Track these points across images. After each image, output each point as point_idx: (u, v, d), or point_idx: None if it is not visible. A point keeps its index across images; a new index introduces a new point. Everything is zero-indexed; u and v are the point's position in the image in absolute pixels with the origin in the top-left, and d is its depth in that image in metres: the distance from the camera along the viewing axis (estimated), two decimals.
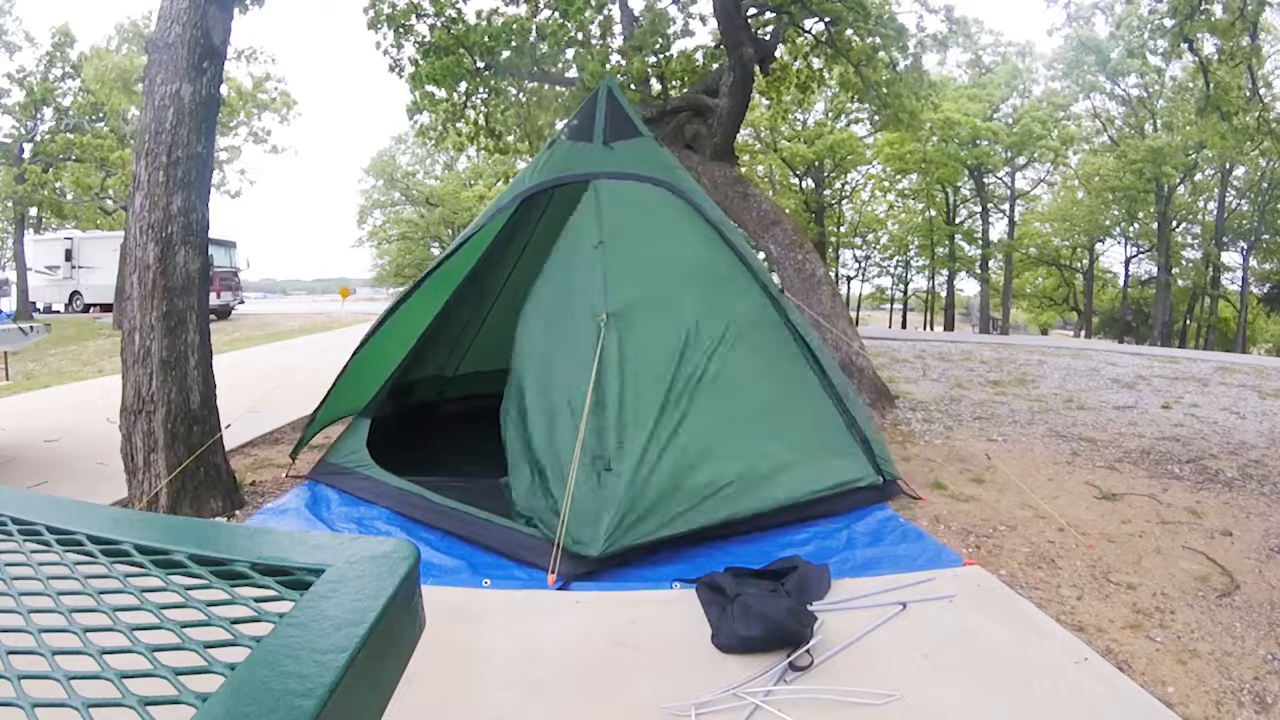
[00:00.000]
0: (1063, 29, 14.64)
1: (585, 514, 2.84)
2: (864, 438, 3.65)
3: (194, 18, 3.39)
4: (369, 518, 3.49)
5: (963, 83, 22.79)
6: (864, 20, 8.09)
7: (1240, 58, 7.52)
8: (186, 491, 3.40)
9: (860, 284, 31.21)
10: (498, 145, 9.75)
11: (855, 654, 2.25)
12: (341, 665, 0.35)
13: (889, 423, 5.63)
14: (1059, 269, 26.99)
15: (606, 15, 8.41)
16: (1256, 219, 22.31)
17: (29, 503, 0.59)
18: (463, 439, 4.76)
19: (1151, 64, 14.31)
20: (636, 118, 4.25)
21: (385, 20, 8.01)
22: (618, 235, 3.59)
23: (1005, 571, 2.91)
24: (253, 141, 17.75)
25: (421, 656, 0.44)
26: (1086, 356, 10.46)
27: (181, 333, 3.39)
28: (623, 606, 2.58)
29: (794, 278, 6.56)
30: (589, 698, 2.06)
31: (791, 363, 3.68)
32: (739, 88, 7.34)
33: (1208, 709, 2.03)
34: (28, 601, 0.45)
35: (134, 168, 3.46)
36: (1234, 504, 3.84)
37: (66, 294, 19.67)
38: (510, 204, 3.97)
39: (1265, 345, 26.18)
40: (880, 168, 25.74)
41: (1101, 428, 5.68)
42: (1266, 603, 2.67)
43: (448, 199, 29.77)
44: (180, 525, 0.58)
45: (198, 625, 0.42)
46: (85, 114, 17.26)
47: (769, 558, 2.88)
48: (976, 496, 3.87)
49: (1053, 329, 31.60)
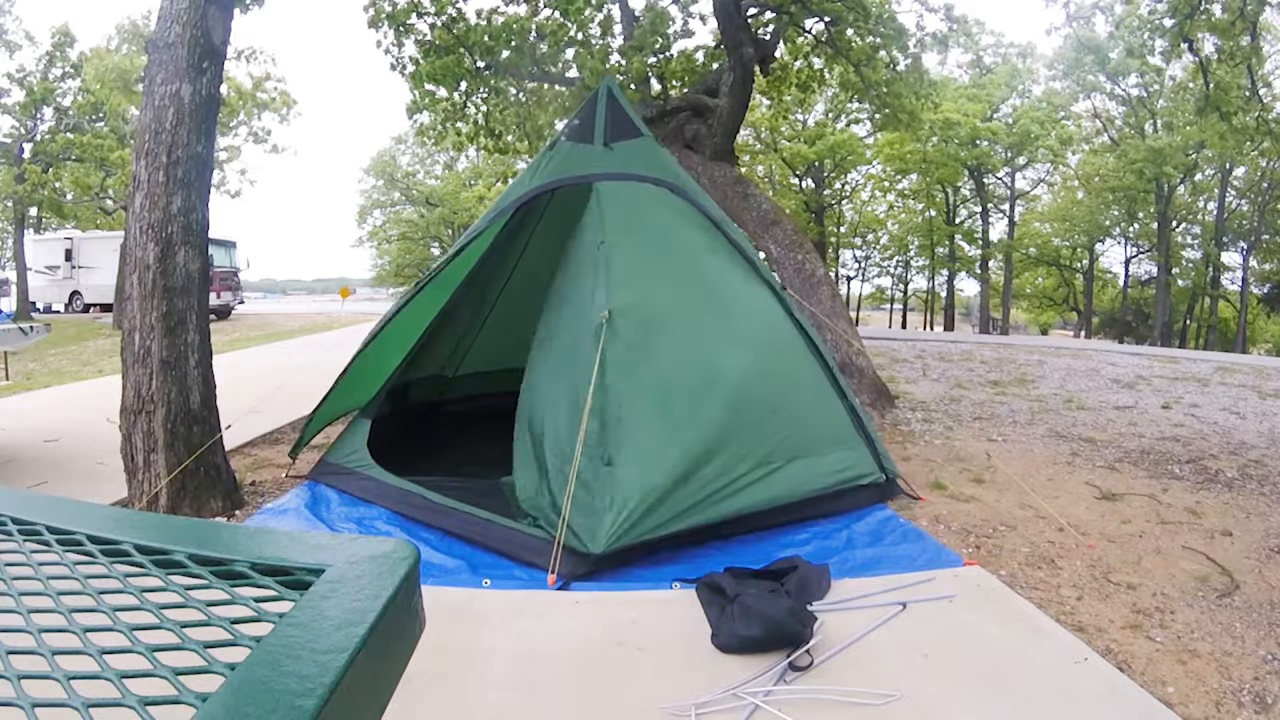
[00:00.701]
0: (1063, 29, 14.70)
1: (587, 512, 2.84)
2: (868, 433, 3.66)
3: (194, 18, 3.39)
4: (369, 518, 3.49)
5: (963, 83, 22.79)
6: (864, 20, 8.09)
7: (1240, 58, 7.52)
8: (186, 491, 3.40)
9: (860, 284, 31.26)
10: (497, 145, 9.75)
11: (855, 654, 2.25)
12: (341, 665, 0.35)
13: (889, 423, 5.63)
14: (1059, 269, 26.99)
15: (606, 15, 8.42)
16: (1256, 219, 22.31)
17: (29, 503, 0.59)
18: (463, 439, 4.76)
19: (1151, 64, 14.30)
20: (637, 118, 4.24)
21: (386, 19, 8.01)
22: (619, 235, 3.59)
23: (1005, 571, 2.92)
24: (253, 141, 17.75)
25: (421, 656, 0.44)
26: (1086, 357, 10.46)
27: (181, 333, 3.39)
28: (623, 606, 2.58)
29: (794, 278, 6.55)
30: (589, 698, 2.06)
31: (795, 358, 3.68)
32: (739, 88, 7.34)
33: (1208, 709, 2.03)
34: (28, 601, 0.45)
35: (134, 168, 3.46)
36: (1234, 504, 3.84)
37: (66, 294, 19.68)
38: (511, 206, 3.97)
39: (1265, 345, 26.17)
40: (880, 168, 25.76)
41: (1101, 428, 5.68)
42: (1266, 603, 2.67)
43: (448, 199, 29.78)
44: (180, 525, 0.58)
45: (198, 625, 0.42)
46: (85, 114, 17.25)
47: (769, 558, 2.88)
48: (976, 496, 3.87)
49: (1053, 329, 31.61)
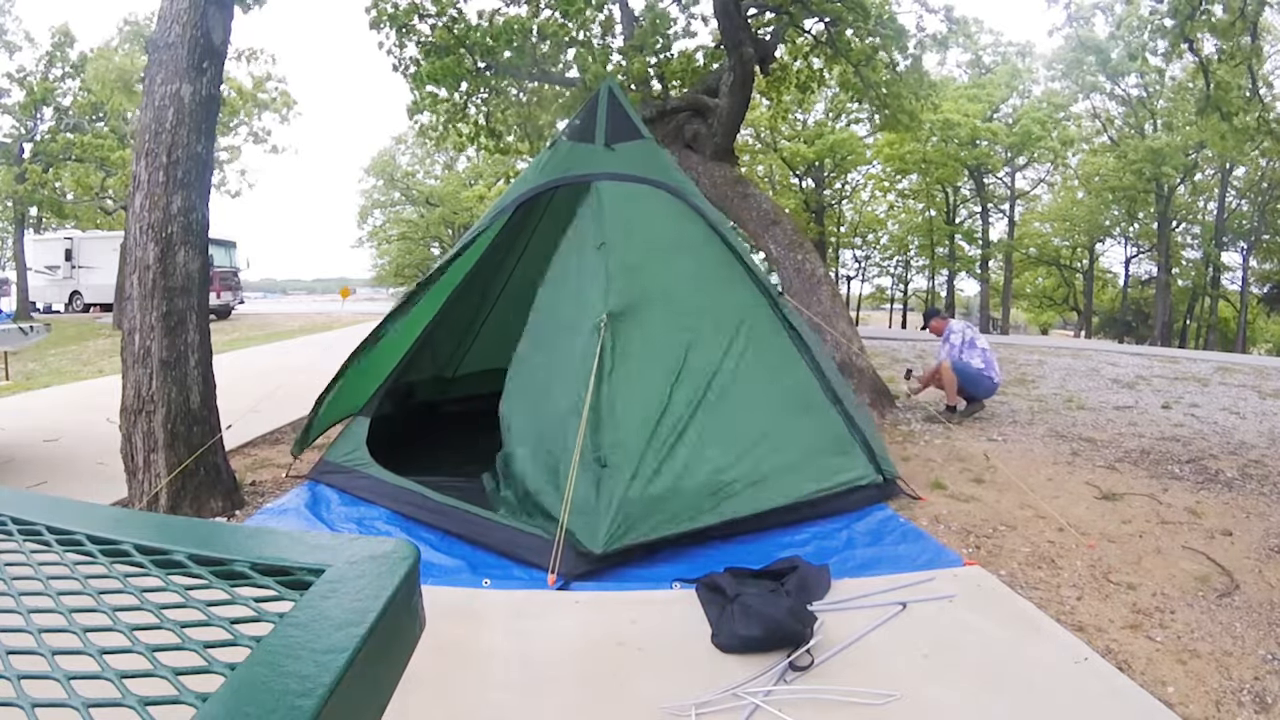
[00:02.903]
0: (1063, 29, 14.68)
1: (587, 512, 2.84)
2: (863, 437, 3.66)
3: (194, 18, 3.39)
4: (369, 517, 3.49)
5: (962, 83, 22.80)
6: (864, 20, 8.09)
7: (1240, 58, 7.53)
8: (186, 491, 3.40)
9: (860, 284, 31.29)
10: (498, 145, 9.76)
11: (855, 654, 2.25)
12: (341, 665, 0.35)
13: (889, 423, 5.63)
14: (1059, 269, 27.00)
15: (607, 15, 8.42)
16: (1256, 219, 22.32)
17: (29, 503, 0.59)
18: (463, 439, 4.76)
19: (1151, 64, 14.31)
20: (638, 120, 4.25)
21: (388, 20, 8.02)
22: (619, 236, 3.59)
23: (1005, 571, 2.91)
24: (253, 141, 17.73)
25: (421, 656, 0.44)
26: (1086, 356, 10.46)
27: (181, 333, 3.39)
28: (623, 606, 2.58)
29: (794, 278, 6.55)
30: (589, 698, 2.06)
31: (790, 363, 3.69)
32: (739, 88, 7.34)
33: (1208, 709, 2.03)
34: (28, 601, 0.45)
35: (134, 168, 3.46)
36: (1234, 504, 3.84)
37: (66, 294, 19.69)
38: (512, 205, 3.97)
39: (1265, 345, 26.18)
40: (880, 168, 25.76)
41: (1101, 428, 5.67)
42: (1266, 603, 2.67)
43: (448, 199, 29.78)
44: (180, 525, 0.58)
45: (198, 625, 0.42)
46: (85, 114, 17.25)
47: (769, 558, 2.88)
48: (976, 496, 3.87)
49: (1053, 329, 31.61)
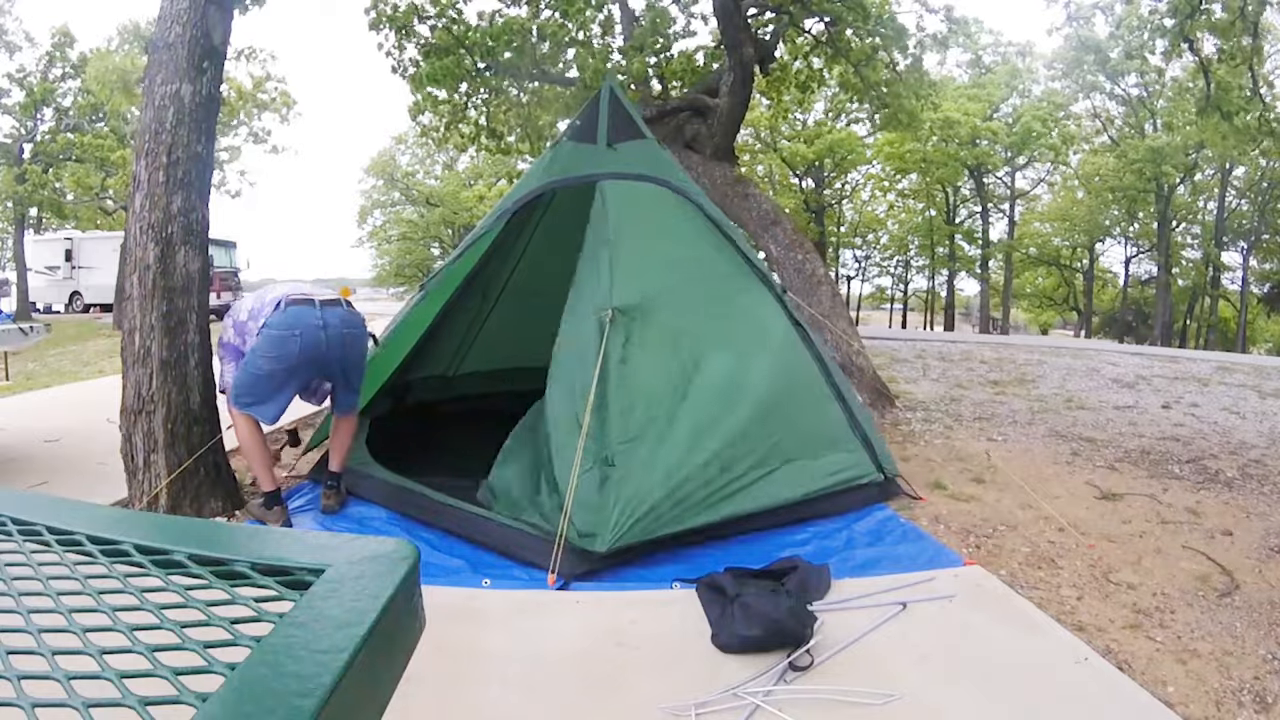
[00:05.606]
0: (1063, 29, 14.70)
1: (590, 511, 2.84)
2: (864, 434, 3.66)
3: (194, 18, 3.39)
4: (369, 517, 3.48)
5: (963, 82, 22.82)
6: (864, 20, 8.09)
7: (1241, 57, 7.53)
8: (187, 491, 3.39)
9: (860, 284, 31.30)
10: (499, 146, 9.77)
11: (855, 654, 2.25)
12: (341, 665, 0.35)
13: (889, 423, 5.63)
14: (1059, 269, 27.00)
15: (607, 15, 8.42)
16: (1256, 219, 22.33)
17: (29, 503, 0.59)
18: (463, 439, 4.75)
19: (1151, 64, 14.32)
20: (639, 119, 4.25)
21: (387, 21, 8.02)
22: (623, 234, 3.60)
23: (1005, 571, 2.91)
24: (253, 141, 17.76)
25: (421, 656, 0.44)
26: (1086, 356, 10.45)
27: (181, 333, 3.39)
28: (623, 606, 2.58)
29: (794, 278, 6.55)
30: (589, 698, 2.06)
31: (795, 359, 3.69)
32: (739, 88, 7.34)
33: (1208, 709, 2.03)
34: (28, 601, 0.45)
35: (134, 168, 3.45)
36: (1234, 504, 3.84)
37: (66, 294, 19.67)
38: (514, 205, 3.97)
39: (1265, 345, 26.18)
40: (880, 168, 25.78)
41: (1101, 428, 5.67)
42: (1266, 602, 2.67)
43: (448, 199, 29.79)
44: (180, 525, 0.58)
45: (198, 625, 0.42)
46: (85, 114, 17.27)
47: (769, 558, 2.88)
48: (976, 496, 3.87)
49: (1053, 329, 31.61)
